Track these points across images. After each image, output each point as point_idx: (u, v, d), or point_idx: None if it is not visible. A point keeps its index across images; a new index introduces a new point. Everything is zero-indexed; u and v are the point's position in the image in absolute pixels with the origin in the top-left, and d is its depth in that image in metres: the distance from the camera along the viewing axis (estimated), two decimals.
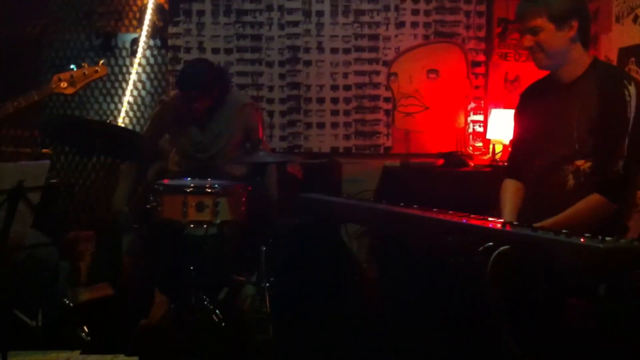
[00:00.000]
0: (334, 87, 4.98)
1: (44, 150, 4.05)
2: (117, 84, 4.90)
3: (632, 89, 2.41)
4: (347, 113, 4.99)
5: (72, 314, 3.29)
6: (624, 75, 2.55)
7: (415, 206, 2.56)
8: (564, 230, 1.98)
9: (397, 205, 2.63)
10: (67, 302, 3.22)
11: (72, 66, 3.05)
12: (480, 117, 4.92)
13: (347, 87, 4.97)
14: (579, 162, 2.51)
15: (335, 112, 4.99)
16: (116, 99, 4.92)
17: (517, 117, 2.86)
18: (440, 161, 4.54)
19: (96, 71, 3.11)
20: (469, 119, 4.93)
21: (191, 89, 3.58)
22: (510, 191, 2.75)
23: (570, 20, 2.51)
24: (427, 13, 4.96)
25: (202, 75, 3.61)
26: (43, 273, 2.95)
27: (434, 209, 2.46)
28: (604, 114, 2.44)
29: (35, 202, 2.50)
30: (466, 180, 4.23)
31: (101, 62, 3.14)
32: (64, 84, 3.01)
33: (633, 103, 2.39)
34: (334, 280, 3.86)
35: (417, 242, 2.96)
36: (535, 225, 2.21)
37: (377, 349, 3.08)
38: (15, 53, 4.84)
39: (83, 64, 3.08)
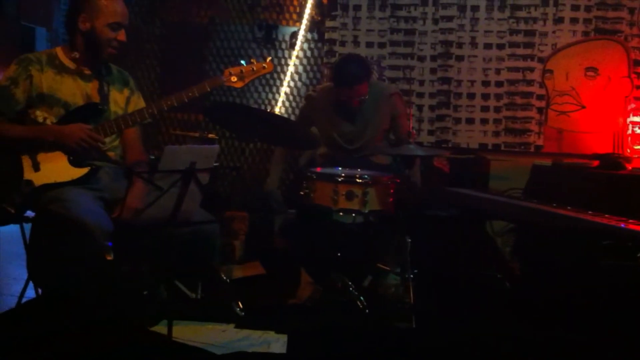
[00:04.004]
0: (486, 83, 4.93)
1: (210, 135, 4.28)
2: (275, 75, 5.13)
3: None
4: (497, 109, 4.93)
5: (227, 289, 3.50)
6: None
7: (568, 207, 2.54)
8: None
9: (549, 205, 2.61)
10: (225, 277, 3.42)
11: (242, 61, 3.21)
12: None
13: (499, 84, 4.91)
14: None
15: (485, 108, 4.95)
16: (274, 89, 5.15)
17: None
18: (595, 163, 4.38)
19: (264, 67, 3.22)
20: (629, 120, 4.72)
21: (352, 85, 3.73)
22: None
23: None
24: (587, 9, 4.79)
25: (359, 70, 3.77)
26: (206, 248, 3.13)
27: (589, 212, 2.43)
28: None
29: (205, 183, 2.70)
30: (622, 184, 4.05)
31: (269, 59, 3.26)
32: (234, 78, 3.16)
33: None
34: (478, 275, 3.86)
35: (568, 244, 2.90)
36: None
37: (516, 346, 3.06)
38: (183, 42, 5.18)
39: (252, 60, 3.22)
